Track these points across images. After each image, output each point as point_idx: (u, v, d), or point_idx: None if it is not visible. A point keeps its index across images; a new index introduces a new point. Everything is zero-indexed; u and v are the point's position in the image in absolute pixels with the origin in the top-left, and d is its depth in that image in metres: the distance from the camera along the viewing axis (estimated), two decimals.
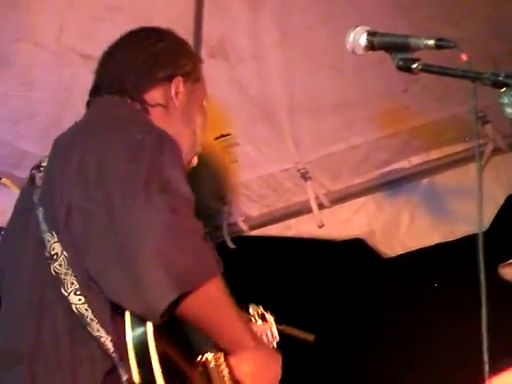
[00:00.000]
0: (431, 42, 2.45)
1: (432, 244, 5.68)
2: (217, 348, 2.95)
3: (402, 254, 5.79)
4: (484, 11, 4.46)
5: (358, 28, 2.57)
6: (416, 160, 5.50)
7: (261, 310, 3.85)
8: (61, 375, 2.71)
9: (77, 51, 4.75)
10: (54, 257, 2.77)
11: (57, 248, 2.77)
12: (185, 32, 4.43)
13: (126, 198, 2.62)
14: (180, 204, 2.69)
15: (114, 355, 2.65)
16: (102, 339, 2.67)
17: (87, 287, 2.71)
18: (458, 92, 4.80)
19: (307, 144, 5.39)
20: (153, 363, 2.64)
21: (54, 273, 2.75)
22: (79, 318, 2.70)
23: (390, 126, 5.30)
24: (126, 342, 2.66)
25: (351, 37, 2.57)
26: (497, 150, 5.02)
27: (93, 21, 4.66)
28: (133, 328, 2.67)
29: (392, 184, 5.63)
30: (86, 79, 4.52)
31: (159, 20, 4.52)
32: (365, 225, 5.74)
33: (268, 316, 3.87)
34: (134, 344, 2.66)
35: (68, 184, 2.77)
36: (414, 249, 5.72)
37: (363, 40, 2.55)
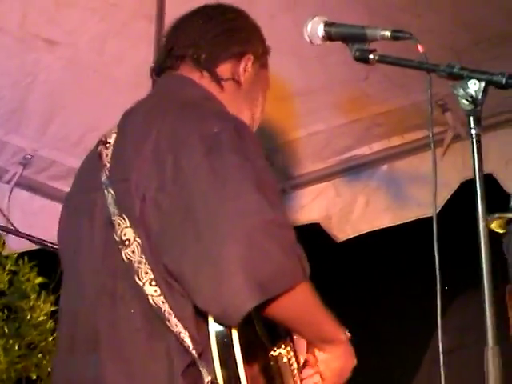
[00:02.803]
0: (388, 33, 2.45)
1: (382, 227, 5.69)
2: (286, 341, 2.94)
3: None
4: (447, 2, 4.45)
5: (316, 18, 2.56)
6: (377, 146, 5.51)
7: None
8: (136, 369, 2.67)
9: (40, 37, 4.71)
10: (126, 242, 2.66)
11: (129, 234, 2.67)
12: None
13: (209, 198, 2.56)
14: (274, 202, 2.61)
15: (193, 352, 2.58)
16: (180, 335, 2.59)
17: (164, 280, 2.62)
18: (418, 80, 4.75)
19: (269, 130, 5.38)
20: (237, 362, 2.61)
21: (125, 259, 2.67)
22: (156, 310, 2.62)
23: (352, 112, 5.30)
24: (207, 339, 2.60)
25: (309, 27, 2.56)
26: (456, 137, 5.03)
27: (57, 6, 4.60)
28: (215, 326, 2.61)
29: (352, 170, 5.63)
30: (50, 64, 4.53)
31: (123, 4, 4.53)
32: (323, 210, 5.74)
33: None
34: (217, 342, 2.62)
35: (142, 170, 2.67)
36: (364, 232, 5.74)
37: (321, 31, 2.53)
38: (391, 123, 5.33)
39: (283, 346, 2.90)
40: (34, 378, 9.63)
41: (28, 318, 9.95)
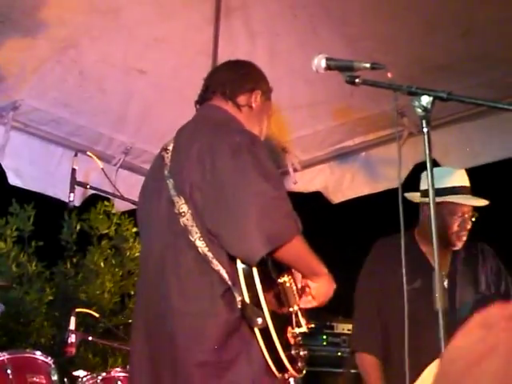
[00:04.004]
0: (368, 65, 2.49)
1: (364, 194, 5.66)
2: (287, 273, 3.01)
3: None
4: (408, 44, 4.43)
5: (320, 55, 2.58)
6: (358, 140, 5.46)
7: None
8: (190, 291, 2.82)
9: (135, 68, 4.74)
10: (182, 213, 2.83)
11: (184, 208, 2.83)
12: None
13: (234, 184, 2.74)
14: (276, 185, 2.80)
15: (228, 282, 2.75)
16: (220, 271, 2.75)
17: (207, 237, 2.78)
18: (385, 96, 4.76)
19: (287, 129, 5.40)
20: (257, 288, 2.76)
21: (182, 224, 2.82)
22: (203, 256, 2.77)
23: (341, 118, 5.27)
24: (237, 275, 2.77)
25: (315, 61, 2.58)
26: (410, 134, 5.00)
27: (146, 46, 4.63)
28: (242, 265, 2.78)
29: (341, 156, 5.59)
30: (142, 86, 4.53)
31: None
32: (322, 182, 5.72)
33: None
34: (244, 276, 2.76)
35: (190, 168, 2.85)
36: (351, 197, 5.69)
37: (323, 63, 2.55)
38: (367, 124, 5.30)
39: (286, 276, 2.99)
40: (132, 293, 9.71)
41: (127, 254, 10.01)
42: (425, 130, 2.25)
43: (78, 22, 4.36)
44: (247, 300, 2.73)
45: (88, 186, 4.63)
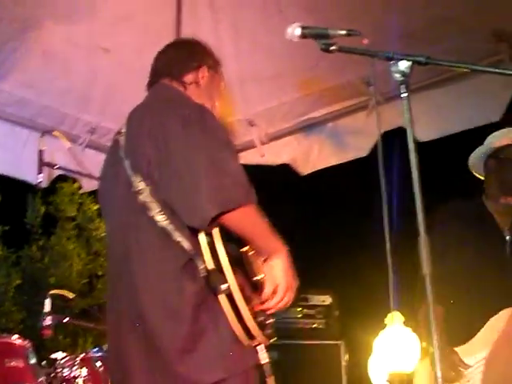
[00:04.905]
0: (344, 32, 2.44)
1: (331, 165, 5.62)
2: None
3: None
4: (371, 12, 4.44)
5: (295, 24, 2.52)
6: (324, 111, 5.42)
7: None
8: (153, 264, 2.81)
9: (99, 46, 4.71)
10: (140, 191, 2.82)
11: (141, 185, 2.82)
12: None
13: (185, 154, 2.75)
14: (227, 154, 2.80)
15: (191, 252, 2.75)
16: (181, 243, 2.75)
17: (168, 211, 2.78)
18: (350, 66, 4.81)
19: (252, 102, 5.37)
20: (219, 255, 2.74)
21: (140, 202, 2.82)
22: (164, 230, 2.77)
23: (306, 89, 5.25)
24: (199, 245, 2.74)
25: (289, 30, 2.52)
26: (377, 103, 4.99)
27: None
28: (203, 235, 2.76)
29: (308, 127, 5.57)
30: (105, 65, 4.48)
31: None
32: (290, 154, 5.70)
33: None
34: (206, 243, 2.75)
35: (144, 144, 2.85)
36: (319, 168, 5.66)
37: (298, 31, 2.49)
38: (333, 95, 5.28)
39: (248, 246, 2.95)
40: (100, 273, 9.67)
41: (93, 234, 9.95)
42: (405, 95, 2.23)
43: (40, 0, 4.29)
44: (210, 267, 2.73)
45: (56, 167, 4.58)
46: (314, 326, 5.82)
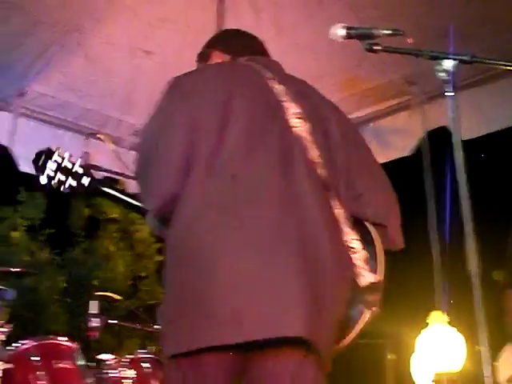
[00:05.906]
0: (388, 32, 2.38)
1: None
2: None
3: None
4: (414, 11, 4.40)
5: (338, 24, 2.46)
6: (366, 111, 5.44)
7: None
8: None
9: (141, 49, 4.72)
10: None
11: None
12: None
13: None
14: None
15: None
16: None
17: None
18: (392, 66, 4.78)
19: None
20: None
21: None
22: None
23: (349, 89, 5.24)
24: None
25: (333, 30, 2.46)
26: (420, 102, 4.97)
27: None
28: None
29: None
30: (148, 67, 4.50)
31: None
32: None
33: None
34: None
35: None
36: None
37: (342, 32, 2.44)
38: (375, 95, 5.28)
39: None
40: (144, 275, 9.72)
41: (136, 236, 10.00)
42: (450, 94, 2.20)
43: (81, 4, 4.33)
44: None
45: (102, 169, 4.60)
46: None
